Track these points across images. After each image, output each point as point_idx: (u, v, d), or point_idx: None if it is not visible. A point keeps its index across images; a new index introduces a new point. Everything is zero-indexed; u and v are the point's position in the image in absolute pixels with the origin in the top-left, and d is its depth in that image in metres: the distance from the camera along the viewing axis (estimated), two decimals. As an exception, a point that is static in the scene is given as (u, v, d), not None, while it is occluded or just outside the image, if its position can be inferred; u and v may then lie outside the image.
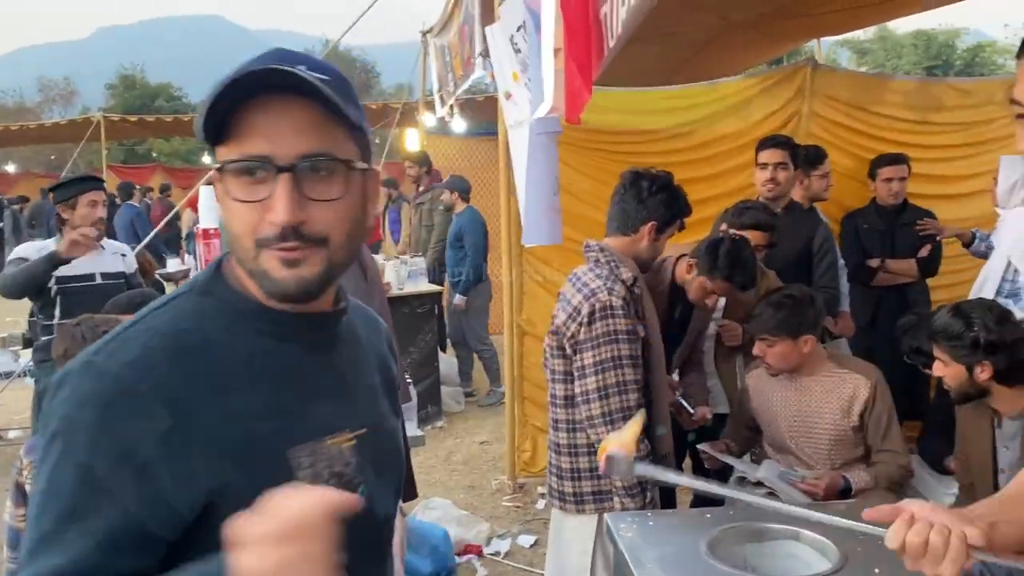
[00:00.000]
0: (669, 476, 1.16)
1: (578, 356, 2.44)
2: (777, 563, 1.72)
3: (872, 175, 4.29)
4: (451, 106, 6.64)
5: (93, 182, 3.85)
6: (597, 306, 2.40)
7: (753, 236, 3.20)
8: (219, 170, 0.94)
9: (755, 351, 2.86)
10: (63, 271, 3.66)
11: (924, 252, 4.19)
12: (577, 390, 2.46)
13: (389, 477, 1.13)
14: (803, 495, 2.69)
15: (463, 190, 6.71)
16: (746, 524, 1.79)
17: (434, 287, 6.47)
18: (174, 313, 0.97)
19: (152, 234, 4.94)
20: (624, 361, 2.40)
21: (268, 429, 0.95)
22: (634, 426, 1.21)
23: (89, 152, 17.93)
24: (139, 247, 4.42)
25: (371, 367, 1.15)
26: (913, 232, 4.23)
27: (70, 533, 0.86)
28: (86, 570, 0.85)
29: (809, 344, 2.81)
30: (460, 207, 6.64)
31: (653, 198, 2.59)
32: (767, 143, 3.79)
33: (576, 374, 2.46)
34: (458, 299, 6.37)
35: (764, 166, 3.76)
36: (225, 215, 0.96)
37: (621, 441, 1.16)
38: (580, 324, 2.42)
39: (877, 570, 1.57)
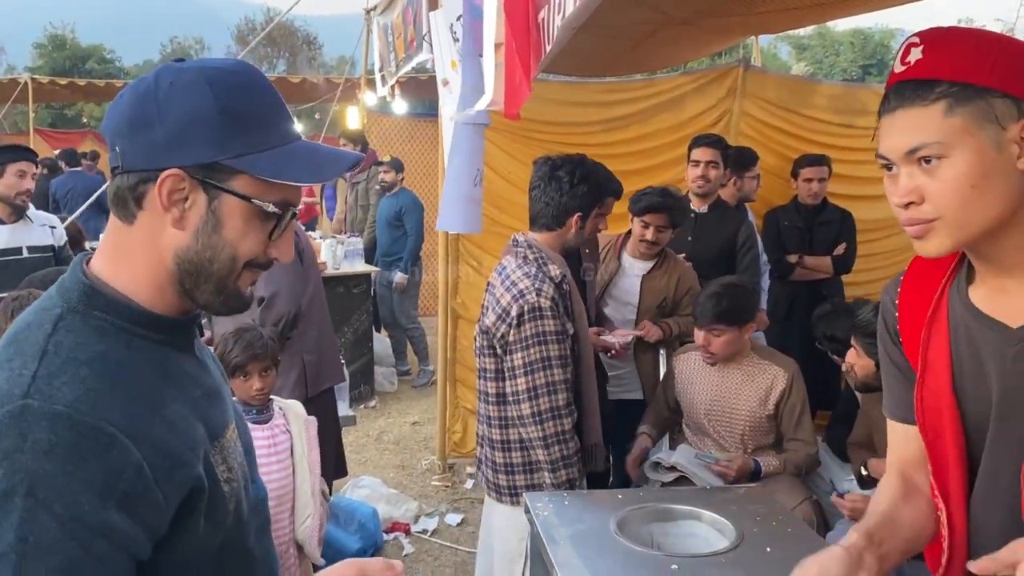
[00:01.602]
0: None
1: (508, 357, 2.47)
2: (680, 541, 1.84)
3: (794, 174, 4.48)
4: (392, 87, 6.61)
5: (25, 152, 3.75)
6: (526, 308, 2.41)
7: (653, 219, 3.34)
8: (244, 199, 0.99)
9: (700, 341, 2.94)
10: None
11: (840, 250, 4.40)
12: (508, 390, 2.49)
13: (254, 459, 1.21)
14: (716, 477, 2.84)
15: (402, 170, 6.80)
16: (653, 505, 1.91)
17: (370, 267, 6.50)
18: (77, 336, 0.95)
19: (88, 203, 4.84)
20: (553, 362, 2.43)
21: (200, 433, 1.01)
22: None
23: (14, 114, 17.24)
24: (71, 218, 4.33)
25: (212, 358, 1.21)
26: (830, 230, 4.44)
27: None
28: None
29: (749, 332, 2.96)
30: (397, 188, 6.71)
31: (576, 189, 2.60)
32: (700, 141, 3.92)
33: (507, 374, 2.49)
34: (399, 277, 6.43)
35: (696, 163, 3.89)
36: (228, 233, 1.00)
37: None
38: (510, 325, 2.44)
39: (769, 548, 1.70)
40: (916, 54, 1.12)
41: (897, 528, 1.28)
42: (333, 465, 3.39)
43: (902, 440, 1.37)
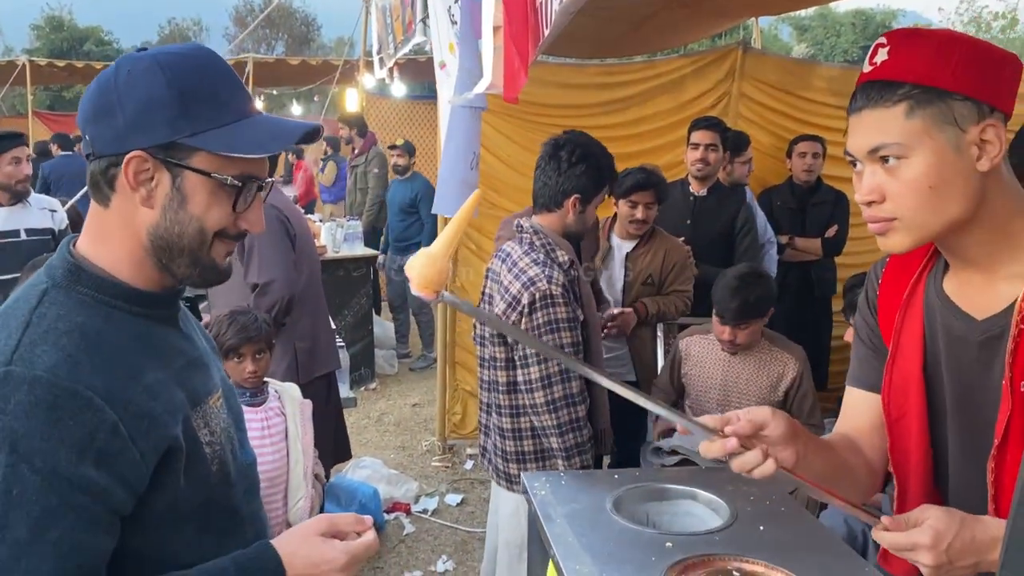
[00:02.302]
0: (465, 307, 1.13)
1: (520, 345, 2.43)
2: (676, 520, 1.87)
3: (789, 154, 4.48)
4: (390, 69, 6.59)
5: (17, 138, 3.70)
6: (537, 296, 2.37)
7: (640, 197, 3.33)
8: (204, 174, 1.05)
9: (725, 336, 2.91)
10: None
11: (831, 232, 4.41)
12: (520, 379, 2.45)
13: (243, 427, 1.30)
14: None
15: (415, 154, 6.78)
16: (649, 484, 1.93)
17: (369, 251, 6.50)
18: (59, 309, 1.03)
19: (86, 188, 4.83)
20: (566, 349, 2.39)
21: (180, 399, 1.09)
22: (443, 249, 1.07)
23: (12, 96, 17.17)
24: (70, 202, 4.34)
25: (200, 332, 1.29)
26: (824, 211, 4.44)
27: (51, 535, 0.94)
28: (82, 563, 0.97)
29: (769, 315, 2.97)
30: (410, 172, 6.66)
31: (573, 169, 2.50)
32: (700, 124, 3.91)
33: (519, 363, 2.44)
34: None
35: (696, 146, 3.88)
36: (193, 208, 1.07)
37: (426, 279, 1.08)
38: (521, 313, 2.39)
39: (762, 527, 1.73)
40: (883, 55, 1.14)
41: (828, 454, 1.32)
42: (332, 449, 3.39)
43: (859, 409, 1.41)
